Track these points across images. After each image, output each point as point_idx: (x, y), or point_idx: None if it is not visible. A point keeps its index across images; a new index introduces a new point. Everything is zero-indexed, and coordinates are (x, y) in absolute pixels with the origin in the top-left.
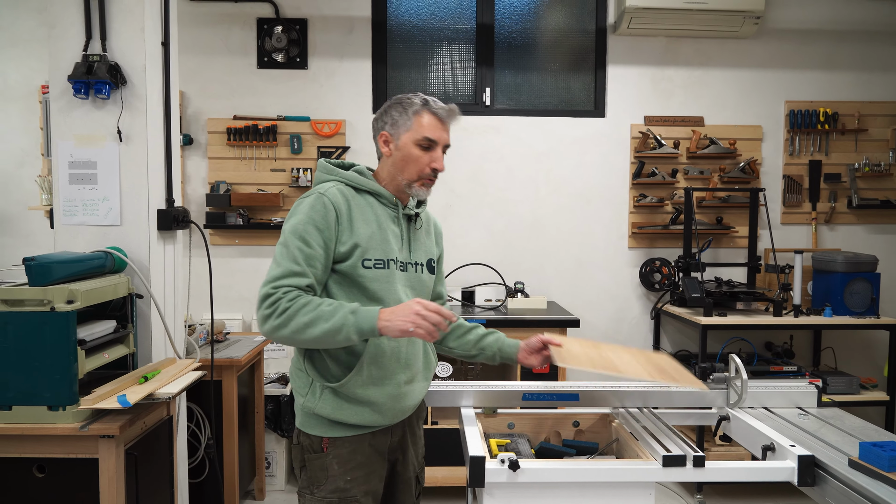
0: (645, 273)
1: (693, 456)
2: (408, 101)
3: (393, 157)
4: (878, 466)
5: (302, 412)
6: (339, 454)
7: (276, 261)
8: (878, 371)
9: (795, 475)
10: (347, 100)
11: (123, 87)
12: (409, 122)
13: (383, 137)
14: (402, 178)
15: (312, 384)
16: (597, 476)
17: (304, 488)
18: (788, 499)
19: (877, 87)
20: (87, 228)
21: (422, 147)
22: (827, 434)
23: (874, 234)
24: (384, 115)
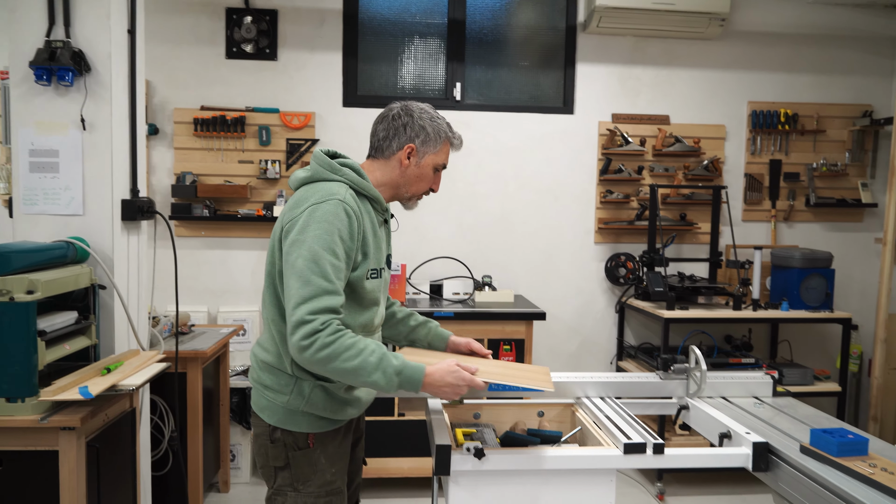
0: (610, 268)
1: (653, 443)
2: (437, 122)
3: (409, 171)
4: (828, 452)
5: (283, 410)
6: (325, 449)
7: (304, 277)
8: (832, 363)
9: (750, 461)
10: (317, 92)
11: (87, 75)
12: (437, 146)
13: (409, 149)
14: (407, 192)
15: (298, 382)
16: (560, 464)
17: (284, 486)
18: (745, 486)
19: (836, 89)
20: (47, 218)
21: (436, 170)
22: (781, 422)
23: (830, 231)
24: (413, 127)
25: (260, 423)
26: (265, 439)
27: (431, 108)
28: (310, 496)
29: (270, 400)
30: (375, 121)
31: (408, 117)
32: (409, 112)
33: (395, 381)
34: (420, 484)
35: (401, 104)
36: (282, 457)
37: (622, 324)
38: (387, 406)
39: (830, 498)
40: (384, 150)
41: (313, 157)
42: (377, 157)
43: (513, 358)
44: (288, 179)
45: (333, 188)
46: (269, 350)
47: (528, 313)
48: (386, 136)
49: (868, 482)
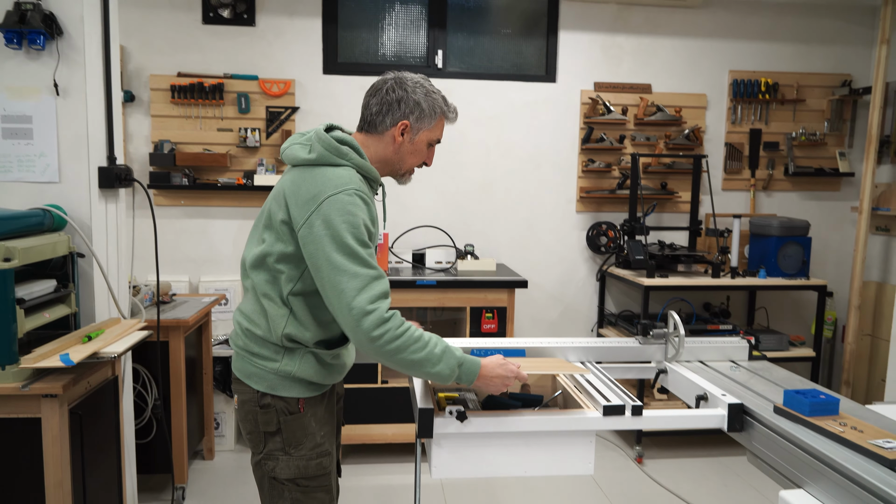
0: (592, 236)
1: (631, 405)
2: (433, 97)
3: (402, 147)
4: (800, 412)
5: (274, 376)
6: (315, 412)
7: (349, 270)
8: (807, 329)
9: (725, 422)
10: (297, 59)
11: (59, 38)
12: (432, 122)
13: (403, 126)
14: (401, 167)
15: (288, 350)
16: (541, 426)
17: (275, 451)
18: (721, 448)
19: (815, 58)
20: (22, 185)
21: (430, 145)
22: (756, 384)
23: (808, 200)
24: (408, 103)
25: (247, 389)
26: (253, 406)
27: (426, 80)
28: (301, 459)
29: (259, 367)
30: (368, 93)
31: (402, 91)
32: (404, 86)
33: (455, 373)
34: (404, 449)
35: (394, 76)
36: (273, 422)
37: (603, 292)
38: (370, 373)
39: (802, 456)
40: (377, 125)
41: (317, 138)
42: (370, 132)
43: (495, 326)
44: (282, 151)
45: (345, 176)
46: (258, 324)
47: (510, 281)
48: (379, 111)
49: (838, 440)
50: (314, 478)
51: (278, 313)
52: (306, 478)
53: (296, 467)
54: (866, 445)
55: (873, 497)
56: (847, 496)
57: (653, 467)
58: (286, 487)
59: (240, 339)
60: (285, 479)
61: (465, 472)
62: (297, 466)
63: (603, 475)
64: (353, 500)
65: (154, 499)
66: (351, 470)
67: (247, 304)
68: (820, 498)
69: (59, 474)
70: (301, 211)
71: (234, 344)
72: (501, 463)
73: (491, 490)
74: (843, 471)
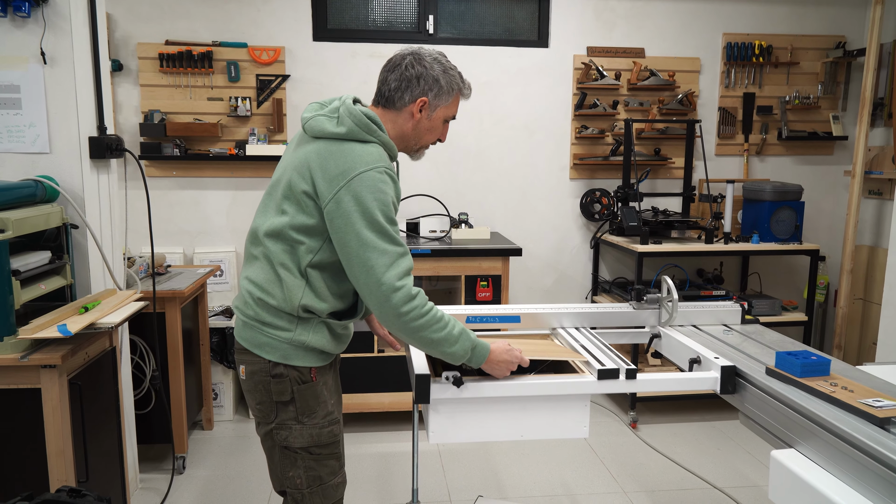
0: (585, 203)
1: (625, 369)
2: (451, 74)
3: (420, 123)
4: (792, 373)
5: (287, 346)
6: (326, 381)
7: (377, 246)
8: (799, 294)
9: (718, 384)
10: (286, 26)
11: (45, 5)
12: (449, 98)
13: (422, 103)
14: (416, 143)
15: (302, 319)
16: (536, 390)
17: (288, 420)
18: (714, 412)
19: (809, 20)
20: (13, 156)
21: (445, 121)
22: (748, 347)
23: (801, 164)
24: (427, 80)
25: (257, 360)
26: (264, 375)
27: (443, 55)
28: (314, 427)
29: (272, 336)
30: (385, 68)
31: (421, 68)
32: (422, 61)
33: (468, 355)
34: (401, 417)
35: (412, 52)
36: (287, 391)
37: (597, 259)
38: (367, 343)
39: (793, 416)
40: (395, 101)
41: (348, 112)
42: (388, 107)
43: (489, 294)
44: (304, 121)
45: (375, 153)
46: (272, 294)
47: (504, 249)
48: (398, 87)
49: (829, 400)
50: (326, 445)
51: (296, 283)
52: (319, 445)
53: (309, 436)
54: (856, 404)
55: (864, 455)
56: (838, 455)
57: (647, 432)
58: (299, 456)
59: (250, 309)
60: (299, 447)
61: (461, 436)
62: (310, 435)
63: (598, 440)
64: (353, 468)
65: (155, 468)
66: (350, 438)
67: (258, 272)
68: (811, 457)
69: (60, 443)
70: (329, 186)
71: (241, 313)
72: (498, 427)
73: (488, 455)
74: (834, 430)
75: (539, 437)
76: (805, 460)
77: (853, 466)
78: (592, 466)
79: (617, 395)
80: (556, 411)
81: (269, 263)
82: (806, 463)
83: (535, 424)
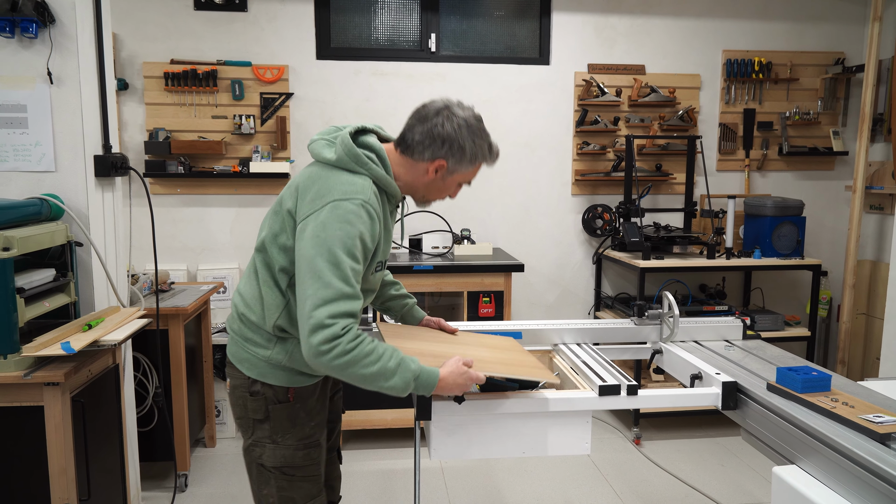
0: (587, 219)
1: (627, 385)
2: (479, 143)
3: (432, 182)
4: (793, 389)
5: (264, 364)
6: (305, 403)
7: (324, 279)
8: (802, 309)
9: (720, 400)
10: (290, 44)
11: (52, 26)
12: (470, 167)
13: (439, 165)
14: (424, 197)
15: (281, 339)
16: (537, 407)
17: (263, 439)
18: (717, 428)
19: (809, 37)
20: (19, 175)
21: (459, 184)
22: (750, 363)
23: (802, 179)
24: (453, 145)
25: (238, 374)
26: (244, 391)
27: (478, 120)
28: (288, 448)
29: (251, 353)
30: (415, 115)
31: (450, 128)
32: (453, 120)
33: (411, 386)
34: (402, 434)
35: (446, 107)
36: (262, 410)
37: (599, 275)
38: None
39: (795, 432)
40: (414, 151)
41: (342, 141)
42: (406, 154)
43: (492, 310)
44: (309, 143)
45: (358, 185)
46: (253, 310)
47: (506, 265)
48: (421, 141)
49: (830, 416)
50: (301, 467)
51: (274, 303)
52: (292, 467)
53: (282, 456)
54: (857, 420)
55: (864, 471)
56: (839, 471)
57: (650, 448)
58: (272, 475)
59: (235, 323)
60: (272, 466)
61: (463, 454)
62: (283, 455)
63: (601, 457)
64: (355, 485)
65: (157, 486)
66: (352, 455)
67: (246, 287)
68: (813, 473)
69: (62, 461)
70: (305, 208)
71: (229, 327)
72: (499, 444)
73: (491, 472)
74: (835, 446)
75: (541, 454)
76: (807, 476)
77: (854, 482)
78: (596, 483)
79: (620, 412)
80: (557, 428)
81: (255, 279)
82: (807, 479)
83: (536, 441)
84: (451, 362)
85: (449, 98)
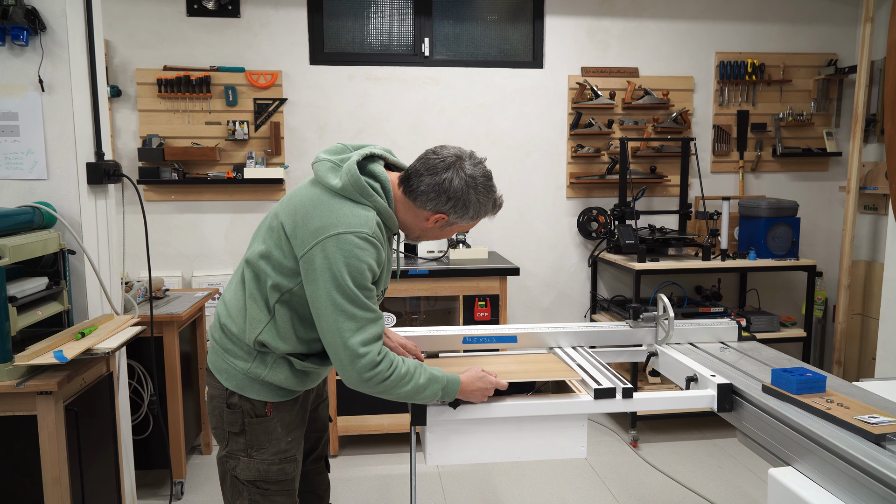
0: (582, 222)
1: (622, 388)
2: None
3: (429, 230)
4: (788, 390)
5: (243, 377)
6: (282, 418)
7: (347, 311)
8: (797, 310)
9: (715, 402)
10: (283, 50)
11: (43, 34)
12: (471, 222)
13: (438, 217)
14: (418, 238)
15: (260, 353)
16: (532, 411)
17: (237, 451)
18: (713, 430)
19: (801, 38)
20: (11, 183)
21: (457, 234)
22: (745, 364)
23: (796, 181)
24: (457, 204)
25: (217, 384)
26: (220, 402)
27: (488, 178)
28: (263, 463)
29: (230, 364)
30: (423, 162)
31: (459, 185)
32: (462, 179)
33: (439, 395)
34: (399, 439)
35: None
36: (238, 423)
37: (595, 277)
38: None
39: (790, 433)
40: (417, 197)
41: (348, 171)
42: (408, 195)
43: (488, 314)
44: (314, 161)
45: (362, 217)
46: (235, 321)
47: (502, 269)
48: (426, 191)
49: (825, 416)
50: (275, 482)
51: (258, 318)
52: (266, 481)
53: (256, 470)
54: (852, 421)
55: (859, 472)
56: (834, 472)
57: (648, 451)
58: (246, 488)
59: (217, 332)
60: (245, 480)
61: (459, 458)
62: (257, 469)
63: (599, 460)
64: (352, 490)
65: (153, 494)
66: (348, 461)
67: (231, 297)
68: (808, 475)
69: (56, 471)
70: (307, 237)
71: (210, 335)
72: (495, 449)
73: (488, 476)
74: (830, 447)
75: (536, 458)
76: (802, 478)
77: (849, 483)
78: (593, 486)
79: (617, 414)
80: (553, 432)
81: (242, 290)
82: (803, 481)
83: (532, 445)
84: (471, 370)
85: (461, 149)
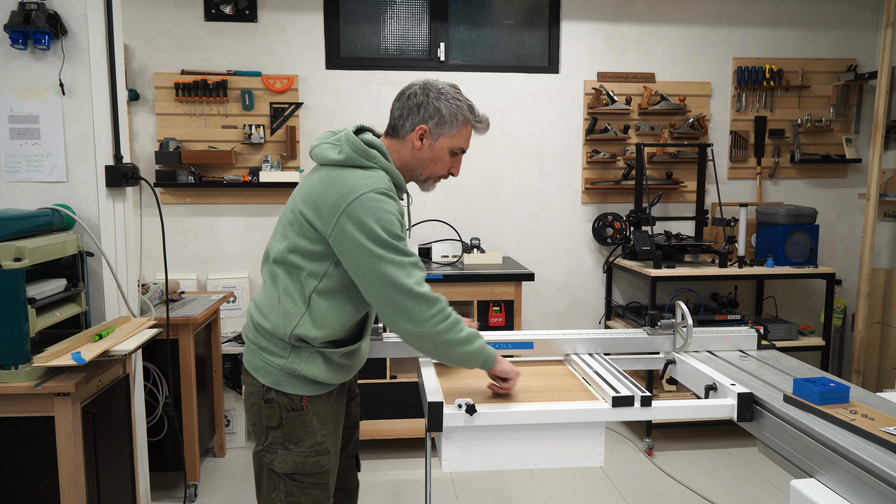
0: (597, 228)
1: (640, 396)
2: (456, 104)
3: (422, 153)
4: (810, 400)
5: (279, 372)
6: (318, 411)
7: (392, 260)
8: (816, 318)
9: (735, 412)
10: (299, 54)
11: (64, 38)
12: (453, 129)
13: (421, 131)
14: (422, 174)
15: (296, 348)
16: (550, 418)
17: (275, 444)
18: (731, 439)
19: (820, 44)
20: (31, 185)
21: (453, 153)
22: (765, 373)
23: (814, 187)
24: (428, 108)
25: (253, 382)
26: (258, 398)
27: (454, 88)
28: (300, 455)
29: (266, 361)
30: (395, 98)
31: (423, 97)
32: (427, 91)
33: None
34: (414, 444)
35: (422, 82)
36: (275, 417)
37: (610, 283)
38: (379, 369)
39: (813, 444)
40: (398, 129)
41: (346, 139)
42: (393, 136)
43: (502, 319)
44: (311, 149)
45: (374, 177)
46: (268, 318)
47: (516, 274)
48: (401, 115)
49: (849, 428)
50: (311, 474)
51: (294, 311)
52: (303, 474)
53: (293, 462)
54: (877, 433)
55: (885, 485)
56: (859, 484)
57: (663, 459)
58: (282, 481)
59: (250, 332)
60: (282, 472)
61: (475, 465)
62: (294, 462)
63: (613, 468)
64: (366, 495)
65: (167, 496)
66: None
67: (263, 295)
68: (832, 486)
69: (72, 472)
70: (330, 212)
71: (244, 335)
72: (511, 456)
73: (502, 483)
74: (855, 459)
75: (553, 465)
76: (825, 490)
77: (875, 497)
78: (608, 495)
79: (632, 422)
80: (570, 439)
81: (274, 288)
82: (826, 493)
83: (549, 453)
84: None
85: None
